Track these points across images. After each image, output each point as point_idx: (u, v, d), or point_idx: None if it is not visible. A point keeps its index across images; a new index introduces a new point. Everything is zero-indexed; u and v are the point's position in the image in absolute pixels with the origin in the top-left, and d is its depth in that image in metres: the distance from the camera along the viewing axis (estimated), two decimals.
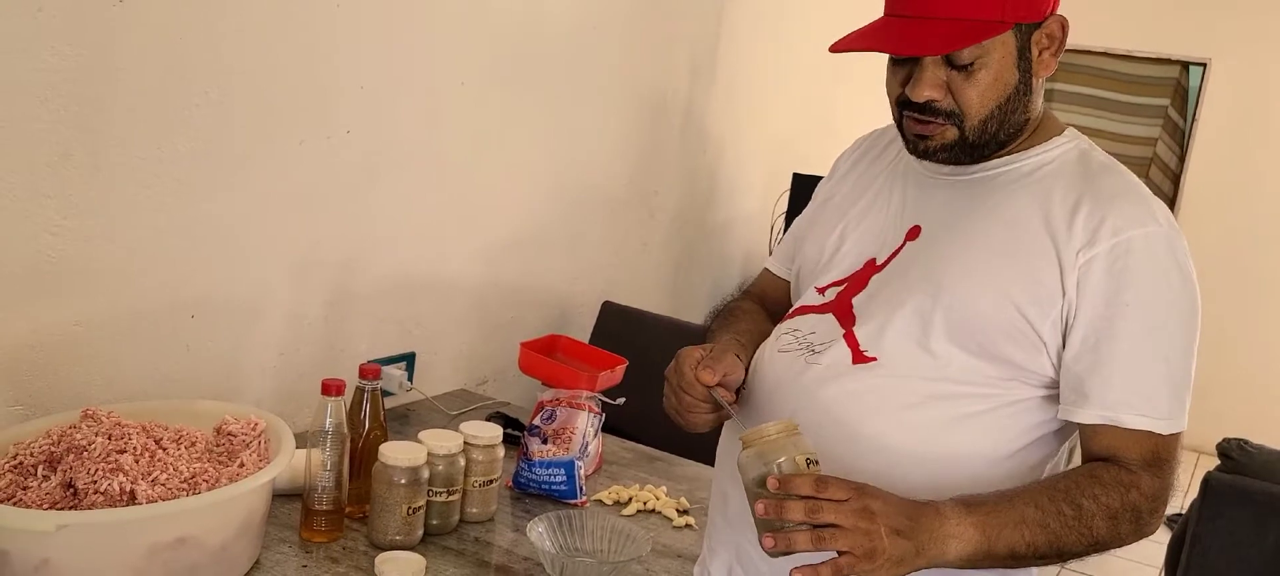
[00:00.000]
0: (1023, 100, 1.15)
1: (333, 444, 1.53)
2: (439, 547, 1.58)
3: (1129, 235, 1.10)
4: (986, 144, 1.17)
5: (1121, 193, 1.13)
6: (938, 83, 1.14)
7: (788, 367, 1.24)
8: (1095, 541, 1.10)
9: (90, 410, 1.39)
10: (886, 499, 1.05)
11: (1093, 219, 1.12)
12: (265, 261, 1.86)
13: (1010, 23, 1.10)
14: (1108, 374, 1.11)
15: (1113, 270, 1.10)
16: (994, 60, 1.12)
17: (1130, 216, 1.11)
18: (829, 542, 1.02)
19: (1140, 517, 1.11)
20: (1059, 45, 1.15)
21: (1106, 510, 1.09)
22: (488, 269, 2.42)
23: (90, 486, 1.27)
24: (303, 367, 1.96)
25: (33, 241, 1.49)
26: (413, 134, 2.11)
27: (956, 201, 1.21)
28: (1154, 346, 1.11)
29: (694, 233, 3.33)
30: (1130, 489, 1.10)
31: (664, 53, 2.93)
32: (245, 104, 1.74)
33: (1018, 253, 1.14)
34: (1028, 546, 1.08)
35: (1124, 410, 1.11)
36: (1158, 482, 1.12)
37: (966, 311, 1.14)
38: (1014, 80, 1.14)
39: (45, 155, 1.48)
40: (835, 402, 1.19)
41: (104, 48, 1.51)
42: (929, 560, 1.05)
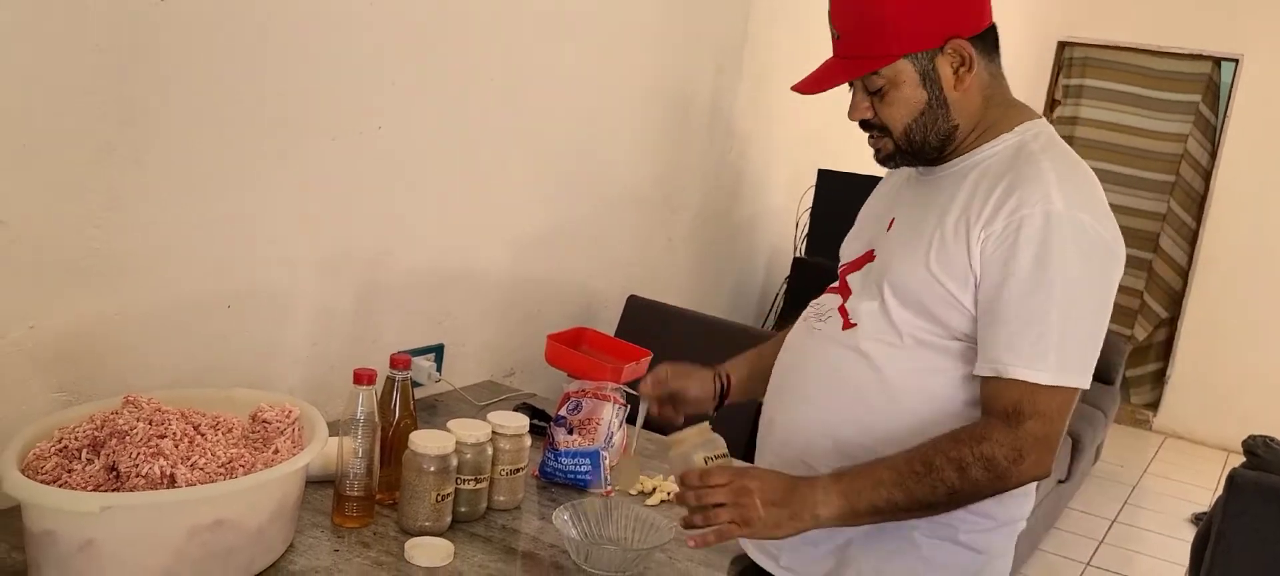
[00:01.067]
0: (940, 112, 1.37)
1: (364, 432, 1.57)
2: (467, 534, 1.62)
3: (1022, 213, 1.27)
4: (923, 148, 1.40)
5: (1030, 177, 1.30)
6: (864, 106, 1.40)
7: (806, 332, 1.52)
8: (952, 490, 1.28)
9: (131, 397, 1.44)
10: (764, 478, 1.34)
11: (999, 201, 1.30)
12: (299, 254, 1.90)
13: (896, 55, 1.33)
14: (995, 332, 1.29)
15: (1004, 243, 1.28)
16: (900, 85, 1.35)
17: (1027, 197, 1.28)
18: (714, 517, 1.31)
19: (994, 465, 1.27)
20: (970, 63, 1.35)
21: (956, 461, 1.27)
22: (515, 263, 2.46)
23: (132, 470, 1.31)
24: (334, 358, 2.01)
25: (77, 234, 1.54)
26: (443, 130, 2.15)
27: (919, 196, 1.44)
28: (1036, 308, 1.26)
29: (719, 228, 3.36)
30: (981, 440, 1.27)
31: (690, 49, 2.95)
32: (279, 100, 1.79)
33: (942, 235, 1.35)
34: (887, 502, 1.29)
35: (1002, 364, 1.28)
36: (1014, 434, 1.27)
37: (906, 285, 1.37)
38: (923, 98, 1.36)
39: (89, 150, 1.52)
40: (829, 358, 1.45)
41: (146, 45, 1.56)
42: (804, 523, 1.30)
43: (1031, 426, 1.28)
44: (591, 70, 2.56)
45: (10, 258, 1.46)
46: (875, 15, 1.33)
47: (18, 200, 1.45)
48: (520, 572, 1.53)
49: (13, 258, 1.46)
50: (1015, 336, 1.27)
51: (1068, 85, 5.97)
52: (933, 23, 1.33)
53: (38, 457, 1.32)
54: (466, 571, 1.50)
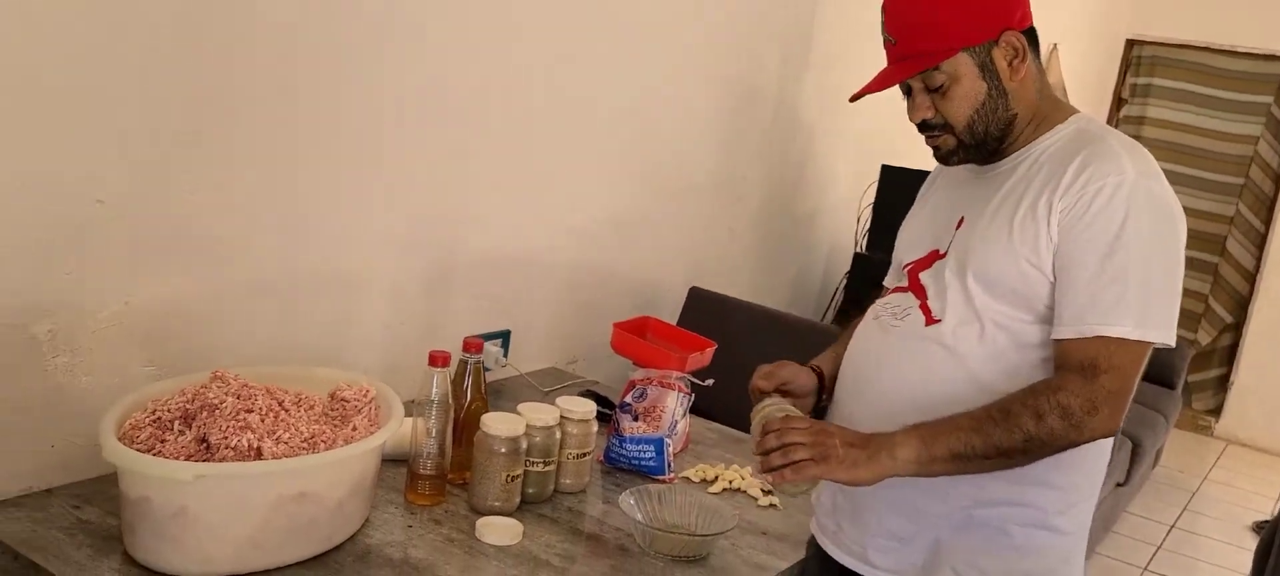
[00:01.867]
0: (1000, 102, 1.42)
1: (438, 412, 1.61)
2: (535, 515, 1.66)
3: (1096, 184, 1.34)
4: (986, 140, 1.44)
5: (1099, 154, 1.36)
6: (925, 106, 1.44)
7: (878, 331, 1.54)
8: (1028, 436, 1.31)
9: (219, 372, 1.50)
10: (844, 427, 1.38)
11: (1074, 174, 1.36)
12: (373, 239, 1.96)
13: (955, 49, 1.39)
14: (1075, 293, 1.34)
15: (1082, 210, 1.34)
16: (960, 79, 1.40)
17: (1099, 170, 1.34)
18: (792, 453, 1.33)
19: (1070, 414, 1.31)
20: (1023, 54, 1.41)
21: (1034, 410, 1.31)
22: (579, 251, 2.50)
23: (222, 442, 1.37)
24: (405, 340, 2.06)
25: (168, 215, 1.60)
26: (510, 118, 2.19)
27: (987, 191, 1.47)
28: (1115, 268, 1.32)
29: (780, 221, 3.37)
30: (1058, 390, 1.32)
31: (756, 41, 2.97)
32: (356, 89, 1.84)
33: (1021, 218, 1.39)
34: (965, 445, 1.32)
35: (1084, 323, 1.33)
36: (1090, 385, 1.31)
37: (992, 270, 1.40)
38: (983, 89, 1.41)
39: (180, 134, 1.59)
40: (912, 355, 1.47)
41: (235, 33, 1.62)
42: (881, 465, 1.33)
43: (1106, 380, 1.32)
44: (659, 60, 2.59)
45: (108, 236, 1.53)
46: (930, 13, 1.39)
47: (115, 182, 1.52)
48: (586, 554, 1.57)
49: (110, 236, 1.53)
50: (1096, 295, 1.32)
51: (1135, 84, 5.87)
52: (987, 16, 1.39)
53: (134, 427, 1.38)
54: (535, 551, 1.54)
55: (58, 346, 1.51)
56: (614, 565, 1.54)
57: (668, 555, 1.57)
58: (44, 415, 1.51)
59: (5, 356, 1.45)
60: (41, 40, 1.39)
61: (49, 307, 1.48)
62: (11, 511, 1.43)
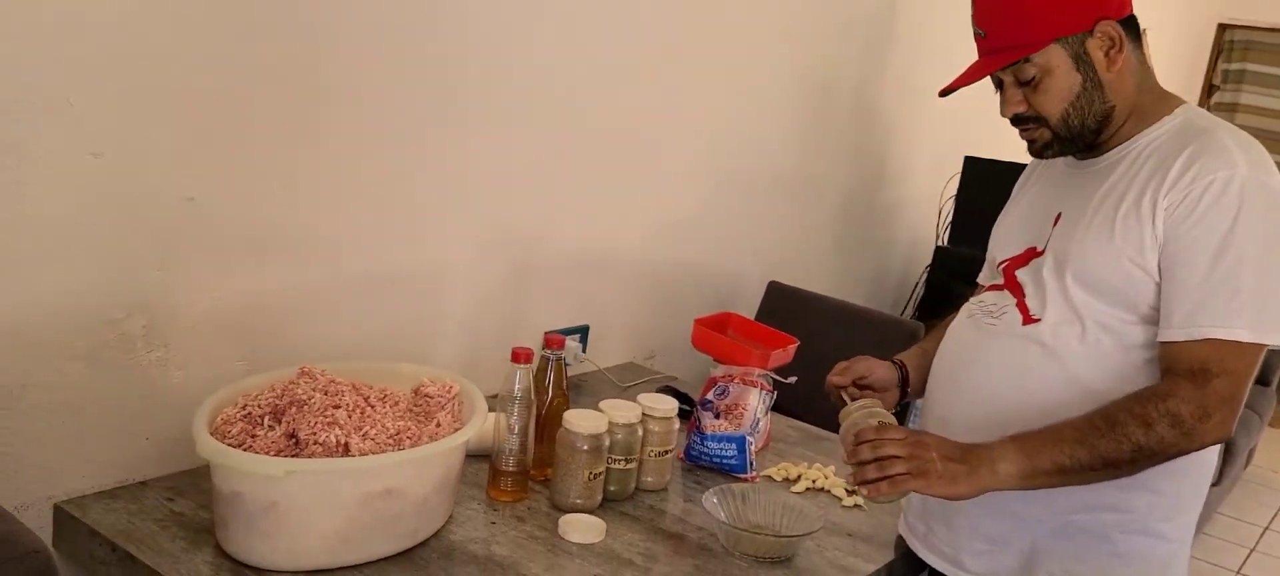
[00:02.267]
0: (1096, 94, 1.37)
1: (520, 409, 1.61)
2: (616, 513, 1.65)
3: (1205, 180, 1.28)
4: (1082, 133, 1.39)
5: (1207, 148, 1.31)
6: (1017, 99, 1.39)
7: (973, 330, 1.50)
8: (1137, 447, 1.25)
9: (307, 367, 1.51)
10: (941, 438, 1.32)
11: (1182, 169, 1.30)
12: (456, 236, 1.97)
13: (1047, 40, 1.34)
14: (1185, 295, 1.28)
15: (1191, 208, 1.28)
16: (1053, 71, 1.36)
17: (1209, 165, 1.29)
18: (889, 468, 1.29)
19: (1181, 422, 1.25)
20: (1120, 44, 1.35)
21: (1143, 419, 1.25)
22: (658, 246, 2.49)
23: (310, 437, 1.38)
24: (487, 336, 2.07)
25: (258, 211, 1.62)
26: (592, 115, 2.18)
27: (1087, 187, 1.42)
28: (1228, 268, 1.26)
29: (859, 214, 3.32)
30: (1167, 396, 1.26)
31: (837, 33, 2.92)
32: (441, 88, 1.85)
33: (1124, 216, 1.34)
34: (1070, 458, 1.27)
35: (1195, 325, 1.27)
36: (1201, 391, 1.25)
37: (1094, 270, 1.36)
38: (1078, 82, 1.36)
39: (270, 135, 1.61)
40: (1011, 354, 1.43)
41: (322, 34, 1.63)
42: (981, 481, 1.28)
43: (1219, 385, 1.26)
44: (739, 55, 2.56)
45: (199, 234, 1.55)
46: (1019, 4, 1.35)
47: (206, 180, 1.54)
48: (669, 553, 1.55)
49: (201, 234, 1.55)
50: (1209, 297, 1.27)
51: (1227, 70, 5.69)
52: (1080, 5, 1.34)
53: (225, 422, 1.40)
54: (617, 549, 1.53)
55: (152, 341, 1.54)
56: (697, 565, 1.52)
57: (752, 556, 1.55)
58: (139, 408, 1.55)
59: (102, 351, 1.48)
60: (137, 45, 1.42)
61: (143, 304, 1.51)
62: (108, 503, 1.46)
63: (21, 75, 1.32)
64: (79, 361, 1.46)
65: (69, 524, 1.43)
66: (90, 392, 1.49)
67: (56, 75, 1.35)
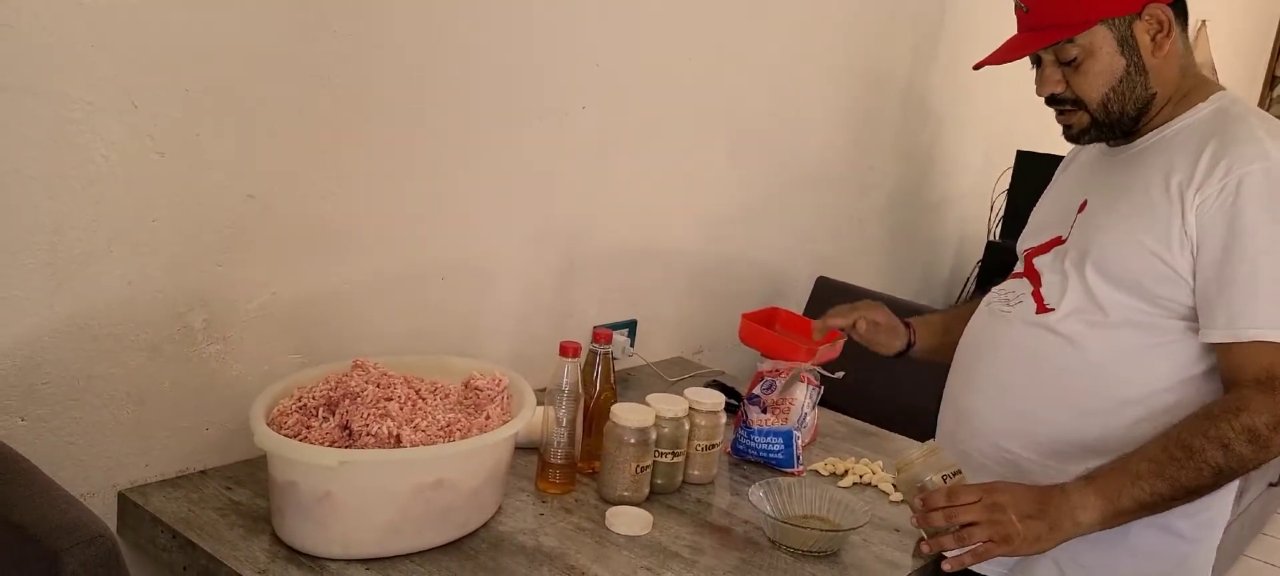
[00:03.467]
0: (1139, 80, 1.32)
1: (568, 402, 1.63)
2: (663, 506, 1.67)
3: (1241, 171, 1.23)
4: (1121, 120, 1.35)
5: (1242, 137, 1.25)
6: (1055, 79, 1.35)
7: (989, 317, 1.49)
8: (1219, 470, 1.21)
9: (360, 361, 1.55)
10: (1013, 491, 1.26)
11: (1211, 162, 1.25)
12: (506, 231, 1.99)
13: (1093, 21, 1.29)
14: (1228, 295, 1.23)
15: (1224, 203, 1.23)
16: (1096, 53, 1.31)
17: (1243, 155, 1.24)
18: (969, 537, 1.24)
19: (1258, 436, 1.20)
20: (1168, 28, 1.30)
21: (1219, 440, 1.20)
22: (706, 241, 2.50)
23: (363, 429, 1.41)
24: (535, 330, 2.09)
25: (313, 207, 1.66)
26: (642, 110, 2.20)
27: (1114, 174, 1.39)
28: (1270, 267, 1.21)
29: (909, 210, 3.30)
30: (1240, 412, 1.20)
31: (886, 28, 2.91)
32: (491, 83, 1.87)
33: (1149, 205, 1.30)
34: (1152, 494, 1.22)
35: (1240, 325, 1.22)
36: (1273, 399, 1.20)
37: (1115, 262, 1.32)
38: (1121, 66, 1.32)
39: (326, 131, 1.64)
40: (1025, 343, 1.41)
41: (376, 31, 1.66)
42: (1064, 533, 1.23)
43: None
44: (787, 49, 2.56)
45: (257, 230, 1.59)
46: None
47: (264, 178, 1.58)
48: (715, 546, 1.56)
49: (259, 230, 1.59)
50: (1255, 296, 1.22)
51: None
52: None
53: (281, 413, 1.44)
54: (664, 542, 1.55)
55: (211, 335, 1.58)
56: (743, 558, 1.53)
57: (798, 549, 1.55)
58: (199, 400, 1.59)
59: (164, 344, 1.53)
60: (198, 48, 1.46)
61: (204, 298, 1.56)
62: (170, 491, 1.51)
63: (88, 80, 1.36)
64: (142, 354, 1.51)
65: (132, 511, 1.48)
66: (152, 384, 1.53)
67: (122, 79, 1.39)
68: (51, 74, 1.33)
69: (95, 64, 1.36)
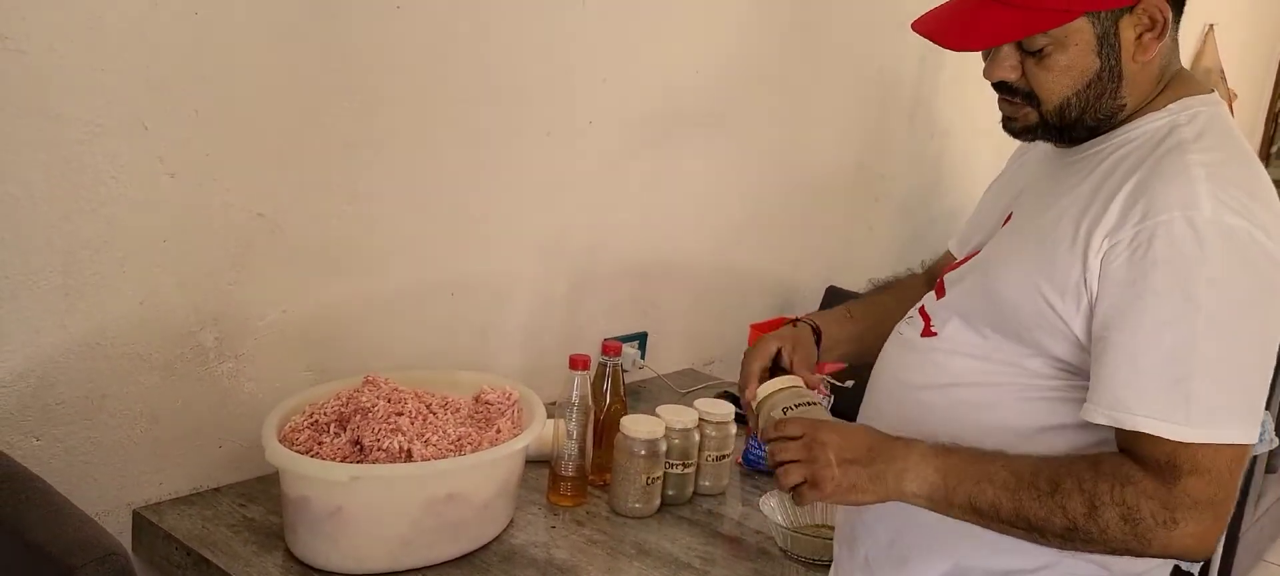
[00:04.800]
0: (1110, 87, 1.10)
1: (578, 415, 1.64)
2: (674, 517, 1.67)
3: (1159, 219, 1.00)
4: (1074, 127, 1.14)
5: (1170, 173, 1.03)
6: (1011, 66, 1.13)
7: (890, 338, 1.31)
8: (1071, 525, 1.03)
9: (371, 376, 1.55)
10: (845, 433, 1.13)
11: (1128, 202, 1.04)
12: (515, 246, 2.00)
13: (1077, 12, 1.06)
14: (1114, 369, 1.03)
15: (1134, 257, 1.02)
16: (1070, 47, 1.09)
17: (1169, 199, 1.01)
18: (784, 475, 1.13)
19: (1136, 520, 1.01)
20: (1161, 29, 1.08)
21: (1089, 496, 1.02)
22: (715, 252, 2.50)
23: (374, 444, 1.42)
24: (546, 344, 2.10)
25: (323, 225, 1.67)
26: (649, 124, 2.21)
27: (1042, 185, 1.19)
28: (1176, 341, 1.00)
29: (919, 219, 3.30)
30: (1128, 483, 1.02)
31: (893, 38, 2.91)
32: (499, 100, 1.88)
33: (1055, 238, 1.09)
34: (989, 504, 1.06)
35: (1123, 409, 1.02)
36: (1168, 491, 1.00)
37: (1002, 297, 1.14)
38: (1094, 67, 1.09)
39: (335, 148, 1.66)
40: (904, 369, 1.25)
41: (384, 49, 1.68)
42: (885, 491, 1.10)
43: (1191, 484, 1.00)
44: (795, 60, 2.56)
45: (268, 248, 1.61)
46: None
47: (275, 195, 1.60)
48: (726, 556, 1.57)
49: (270, 248, 1.61)
50: (1147, 375, 1.01)
51: None
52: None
53: (293, 430, 1.45)
54: (676, 553, 1.55)
55: (223, 353, 1.59)
56: (755, 568, 1.53)
57: (809, 558, 1.55)
58: (212, 417, 1.60)
59: (177, 363, 1.54)
60: (207, 69, 1.47)
61: (215, 316, 1.57)
62: (183, 508, 1.52)
63: (99, 101, 1.38)
64: (155, 372, 1.52)
65: (146, 529, 1.49)
66: (165, 402, 1.54)
67: (132, 101, 1.41)
68: (63, 97, 1.35)
69: (105, 87, 1.38)
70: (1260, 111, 5.55)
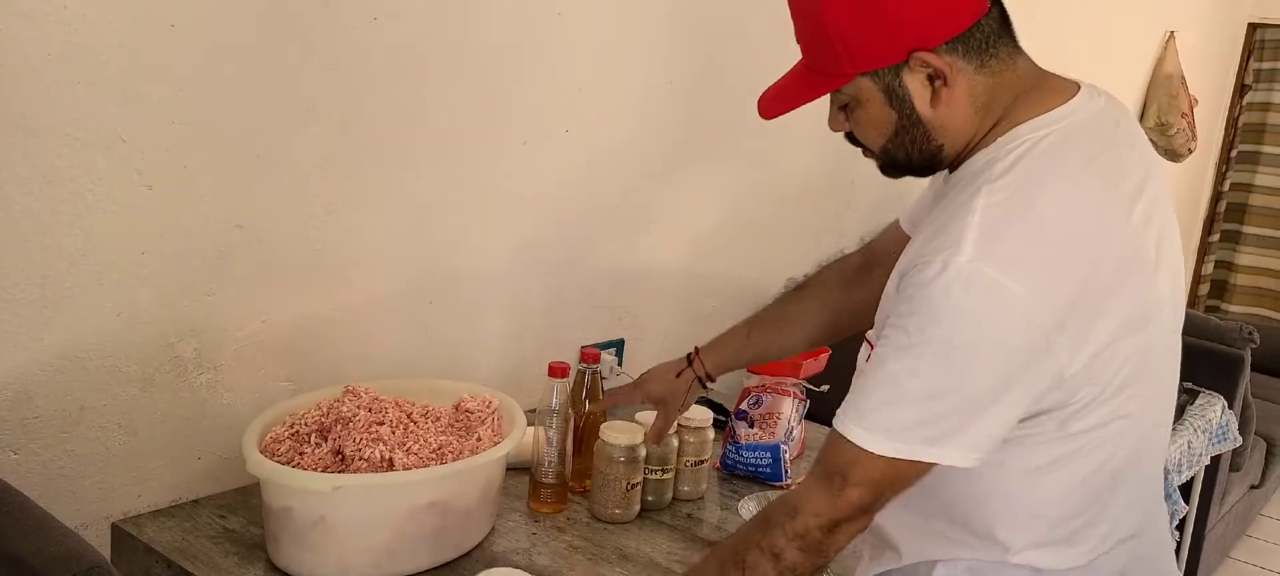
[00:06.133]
0: (918, 132, 1.13)
1: (558, 422, 1.65)
2: (654, 522, 1.68)
3: (923, 260, 1.04)
4: (909, 166, 1.18)
5: (954, 218, 1.05)
6: (838, 121, 1.21)
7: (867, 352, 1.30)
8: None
9: (351, 386, 1.56)
10: None
11: (922, 241, 1.08)
12: (493, 255, 2.01)
13: (850, 74, 1.11)
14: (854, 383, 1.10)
15: (899, 289, 1.07)
16: (864, 102, 1.14)
17: (938, 243, 1.04)
18: None
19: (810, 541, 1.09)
20: (947, 77, 1.09)
21: (771, 551, 1.10)
22: (691, 260, 2.52)
23: (356, 453, 1.42)
24: (525, 351, 2.11)
25: (302, 236, 1.67)
26: (624, 132, 2.22)
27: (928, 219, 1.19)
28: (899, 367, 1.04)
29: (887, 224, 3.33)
30: (795, 515, 1.10)
31: None
32: (476, 110, 1.89)
33: None
34: None
35: (841, 415, 1.09)
36: (832, 502, 1.07)
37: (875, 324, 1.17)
38: (891, 119, 1.13)
39: (313, 160, 1.66)
40: None
41: (360, 61, 1.68)
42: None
43: (854, 494, 1.07)
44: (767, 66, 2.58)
45: (246, 259, 1.60)
46: (821, 27, 1.11)
47: (253, 207, 1.60)
48: None
49: (248, 259, 1.61)
50: (866, 392, 1.07)
51: (1259, 70, 5.63)
52: (888, 35, 1.08)
53: (274, 440, 1.45)
54: (656, 557, 1.56)
55: (202, 364, 1.59)
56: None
57: None
58: (191, 429, 1.60)
59: (156, 375, 1.54)
60: (182, 81, 1.47)
61: (194, 328, 1.57)
62: (163, 521, 1.52)
63: (76, 115, 1.38)
64: (133, 385, 1.52)
65: (126, 542, 1.48)
66: (144, 415, 1.54)
67: (109, 114, 1.41)
68: (40, 110, 1.34)
69: (83, 99, 1.38)
70: (1220, 117, 5.65)
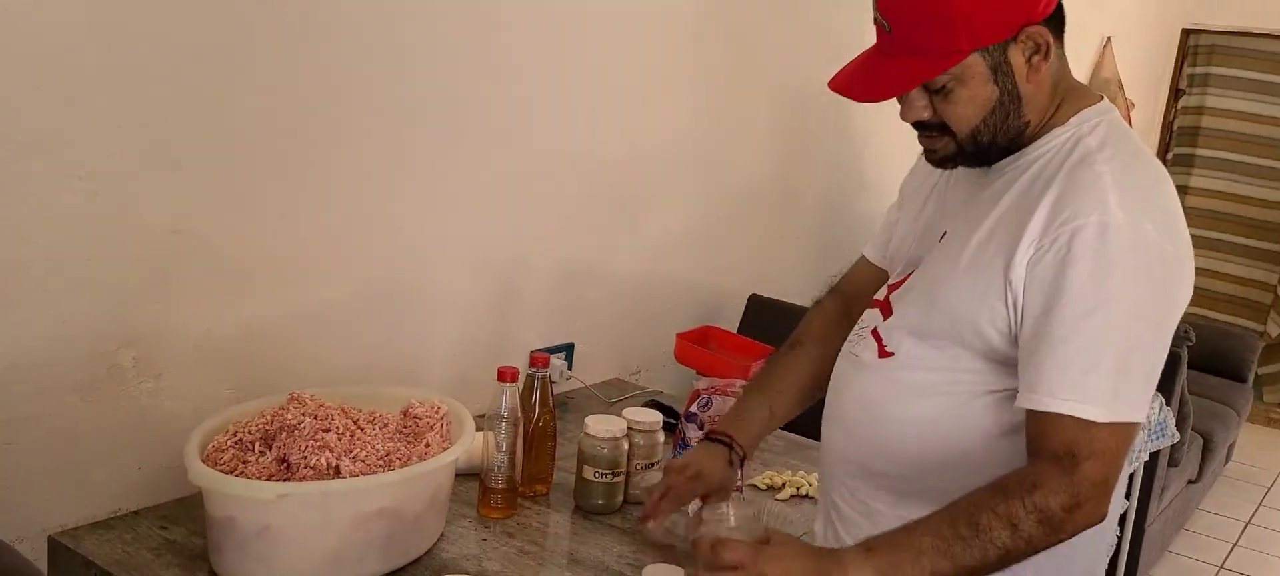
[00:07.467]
0: (1013, 108, 1.21)
1: (507, 427, 1.64)
2: (604, 525, 1.68)
3: (1076, 224, 1.12)
4: (989, 149, 1.25)
5: (1083, 184, 1.15)
6: (922, 106, 1.24)
7: (844, 361, 1.39)
8: (1005, 551, 1.12)
9: (296, 393, 1.54)
10: (785, 556, 1.15)
11: (1049, 212, 1.16)
12: (444, 259, 2.00)
13: (966, 51, 1.17)
14: (1041, 360, 1.14)
15: (1056, 260, 1.13)
16: (968, 81, 1.19)
17: (1082, 206, 1.13)
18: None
19: (1049, 517, 1.12)
20: (1047, 51, 1.19)
21: (1008, 520, 1.12)
22: (641, 263, 2.52)
23: (301, 461, 1.40)
24: (475, 356, 2.10)
25: (248, 241, 1.65)
26: (576, 138, 2.22)
27: (972, 205, 1.29)
28: (1091, 334, 1.12)
29: (840, 225, 3.36)
30: (1034, 489, 1.12)
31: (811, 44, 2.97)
32: (428, 117, 1.88)
33: (988, 255, 1.21)
34: (933, 573, 1.13)
35: (1047, 395, 1.14)
36: (1069, 480, 1.12)
37: (950, 311, 1.24)
38: (993, 95, 1.20)
39: (261, 164, 1.64)
40: (866, 389, 1.33)
41: (304, 65, 1.66)
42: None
43: (1088, 469, 1.12)
44: (716, 72, 2.60)
45: (188, 265, 1.58)
46: (945, 7, 1.15)
47: (198, 212, 1.57)
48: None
49: (190, 265, 1.58)
50: (1065, 365, 1.12)
51: (1192, 74, 5.77)
52: (1005, 9, 1.16)
53: (217, 449, 1.42)
54: (607, 561, 1.56)
55: (142, 372, 1.56)
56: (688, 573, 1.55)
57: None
58: (131, 439, 1.57)
59: (95, 384, 1.51)
60: (122, 82, 1.45)
61: (133, 336, 1.54)
62: (102, 533, 1.48)
63: (16, 120, 1.34)
64: (72, 394, 1.48)
65: (64, 555, 1.45)
66: (83, 425, 1.51)
67: (50, 118, 1.38)
68: None
69: (22, 104, 1.35)
70: (1156, 120, 5.78)
